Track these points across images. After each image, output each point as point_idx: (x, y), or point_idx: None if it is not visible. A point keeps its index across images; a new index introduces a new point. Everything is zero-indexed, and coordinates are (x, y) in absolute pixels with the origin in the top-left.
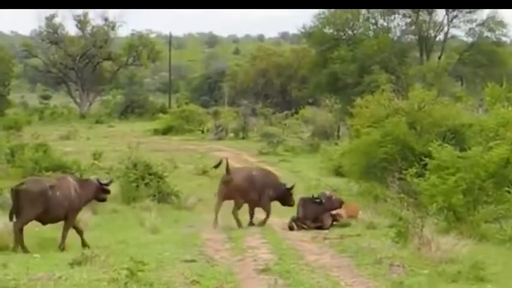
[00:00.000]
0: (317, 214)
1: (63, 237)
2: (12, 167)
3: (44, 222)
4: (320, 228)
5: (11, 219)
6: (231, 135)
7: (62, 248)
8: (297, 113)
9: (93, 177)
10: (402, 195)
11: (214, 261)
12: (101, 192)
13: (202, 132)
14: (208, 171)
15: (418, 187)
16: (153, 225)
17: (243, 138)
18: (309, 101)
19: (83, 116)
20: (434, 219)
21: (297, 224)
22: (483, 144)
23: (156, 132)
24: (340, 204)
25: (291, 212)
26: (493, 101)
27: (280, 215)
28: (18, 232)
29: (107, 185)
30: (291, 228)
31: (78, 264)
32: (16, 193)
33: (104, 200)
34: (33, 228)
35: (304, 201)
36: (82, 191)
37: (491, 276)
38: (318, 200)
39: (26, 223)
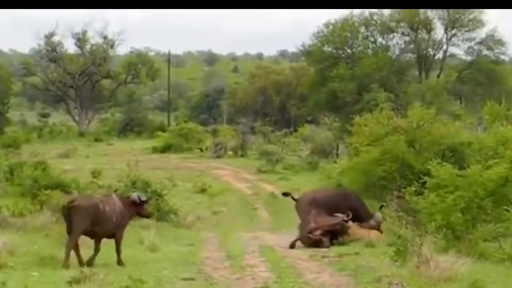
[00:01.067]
0: (326, 230)
1: (118, 253)
2: (11, 185)
3: (95, 237)
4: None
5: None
6: (230, 153)
7: (122, 264)
8: (295, 131)
9: (134, 194)
10: (401, 213)
11: (213, 280)
12: (142, 209)
13: (201, 150)
14: (207, 189)
15: (416, 205)
16: (151, 243)
17: (242, 156)
18: (308, 119)
19: (81, 134)
20: (433, 238)
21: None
22: (482, 162)
23: (155, 150)
24: (347, 234)
25: (288, 229)
26: (492, 120)
27: (279, 233)
28: (73, 247)
29: (146, 201)
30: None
31: (76, 282)
32: (68, 210)
33: (147, 216)
34: (32, 247)
35: (318, 214)
36: (125, 208)
37: None
38: (333, 216)
39: (78, 237)
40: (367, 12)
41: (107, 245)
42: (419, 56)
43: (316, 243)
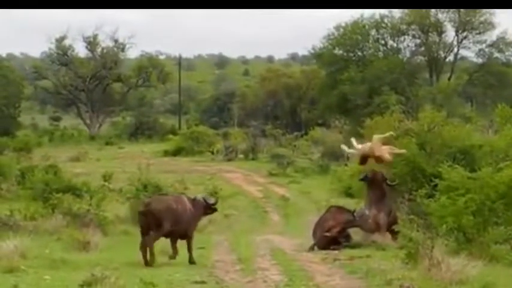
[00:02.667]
0: (344, 226)
1: (190, 252)
2: (23, 189)
3: (171, 236)
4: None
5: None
6: (241, 156)
7: (193, 263)
8: (306, 134)
9: (199, 196)
10: (412, 216)
11: (224, 283)
12: (208, 211)
13: (212, 153)
14: (218, 192)
15: (428, 208)
16: (163, 247)
17: (253, 159)
18: (319, 122)
19: (92, 138)
20: (444, 240)
21: (321, 236)
22: (493, 165)
23: (166, 153)
24: (371, 230)
25: (299, 232)
26: (503, 122)
27: (290, 236)
28: (151, 248)
29: (213, 204)
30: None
31: (88, 285)
32: (145, 214)
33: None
34: (43, 250)
35: (337, 211)
36: (194, 209)
37: None
38: (355, 214)
39: (158, 238)
40: (377, 14)
41: (116, 249)
42: (430, 59)
43: (331, 242)
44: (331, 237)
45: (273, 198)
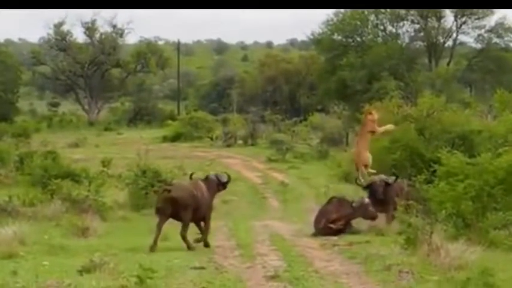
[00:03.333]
0: (349, 219)
1: (206, 235)
2: (21, 175)
3: (194, 222)
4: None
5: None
6: (240, 142)
7: (207, 244)
8: (305, 119)
9: (212, 175)
10: (411, 201)
11: (223, 269)
12: (220, 188)
13: (211, 139)
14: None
15: (427, 194)
16: (162, 233)
17: (252, 145)
18: (318, 107)
19: (91, 124)
20: (443, 226)
21: (325, 225)
22: (492, 150)
23: (165, 139)
24: (372, 217)
25: (298, 218)
26: (502, 107)
27: (289, 222)
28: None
29: (226, 183)
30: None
31: (87, 271)
32: (168, 200)
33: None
34: (42, 236)
35: (340, 202)
36: (208, 190)
37: (501, 282)
38: (354, 205)
39: (188, 225)
40: None
41: (115, 234)
42: (429, 44)
43: (335, 233)
44: (336, 229)
45: (272, 184)
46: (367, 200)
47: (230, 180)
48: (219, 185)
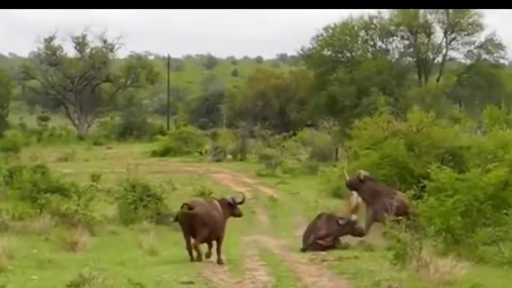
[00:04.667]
0: (338, 235)
1: (219, 253)
2: (11, 189)
3: (207, 241)
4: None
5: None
6: (229, 157)
7: (220, 263)
8: (295, 134)
9: (228, 197)
10: (400, 217)
11: (212, 283)
12: (235, 210)
13: (201, 154)
14: (206, 193)
15: (416, 209)
16: (151, 247)
17: (241, 160)
18: (308, 123)
19: (81, 138)
20: (432, 241)
21: (314, 241)
22: (481, 166)
23: (154, 154)
24: (360, 234)
25: (288, 233)
26: (491, 123)
27: (278, 237)
28: (197, 248)
29: (241, 203)
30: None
31: (76, 286)
32: (191, 216)
33: (239, 215)
34: (31, 250)
35: (329, 219)
36: (223, 210)
37: None
38: (340, 222)
39: (202, 242)
40: (366, 15)
41: (103, 249)
42: (418, 60)
43: (325, 248)
44: (325, 246)
45: (262, 198)
46: (354, 217)
47: (244, 201)
48: (233, 206)
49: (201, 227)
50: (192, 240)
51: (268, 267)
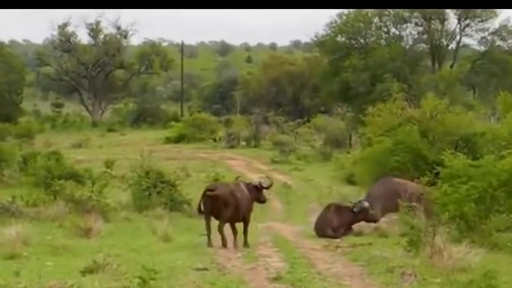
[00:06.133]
0: (350, 224)
1: (246, 236)
2: (25, 175)
3: (232, 221)
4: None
5: (200, 212)
6: (243, 143)
7: (247, 246)
8: (309, 121)
9: (256, 181)
10: (414, 203)
11: (226, 270)
12: (260, 194)
13: (215, 140)
14: (220, 179)
15: (430, 196)
16: (165, 234)
17: (255, 146)
18: (321, 109)
19: (95, 124)
20: (446, 228)
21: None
22: (495, 152)
23: (168, 140)
24: (374, 220)
25: (301, 220)
26: (505, 110)
27: (292, 223)
28: (221, 231)
29: (267, 188)
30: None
31: (90, 272)
32: (214, 198)
33: (264, 201)
34: (45, 237)
35: (338, 209)
36: (250, 194)
37: (503, 285)
38: (355, 210)
39: (226, 222)
40: None
41: (117, 235)
42: (432, 47)
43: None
44: (340, 235)
45: (275, 185)
46: (366, 204)
47: (271, 186)
48: (259, 190)
49: (224, 208)
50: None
51: (281, 253)
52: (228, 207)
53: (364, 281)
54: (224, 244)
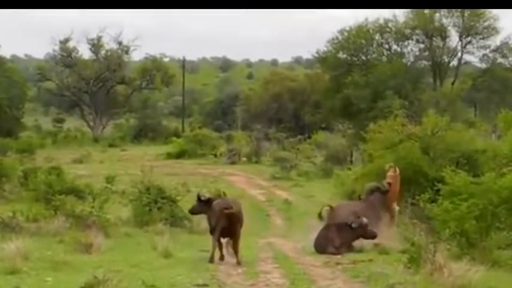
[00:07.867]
0: (351, 241)
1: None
2: (25, 190)
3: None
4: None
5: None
6: (244, 159)
7: (238, 262)
8: (310, 137)
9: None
10: (415, 220)
11: (226, 286)
12: None
13: (215, 156)
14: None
15: (430, 212)
16: (165, 249)
17: (256, 162)
18: (322, 125)
19: (96, 140)
20: (446, 245)
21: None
22: (496, 170)
23: (169, 156)
24: (373, 236)
25: (302, 236)
26: (506, 127)
27: (292, 239)
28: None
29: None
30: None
31: (90, 287)
32: (233, 216)
33: None
34: (45, 252)
35: (339, 227)
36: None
37: None
38: (353, 225)
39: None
40: (382, 19)
41: (118, 251)
42: (434, 63)
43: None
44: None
45: (276, 201)
46: (365, 220)
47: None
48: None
49: (238, 224)
50: (223, 240)
51: (282, 269)
52: (241, 224)
53: None
54: (238, 262)
